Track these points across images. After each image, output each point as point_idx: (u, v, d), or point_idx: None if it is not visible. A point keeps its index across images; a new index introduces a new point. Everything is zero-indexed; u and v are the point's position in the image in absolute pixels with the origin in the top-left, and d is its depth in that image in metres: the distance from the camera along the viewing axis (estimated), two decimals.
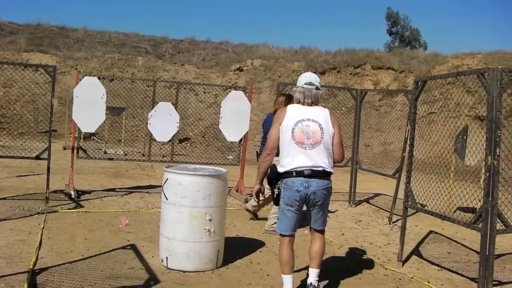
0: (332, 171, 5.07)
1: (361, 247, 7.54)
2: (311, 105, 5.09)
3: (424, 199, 6.72)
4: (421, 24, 68.78)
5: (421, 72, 24.39)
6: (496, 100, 5.14)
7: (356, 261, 6.83)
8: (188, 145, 21.19)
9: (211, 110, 21.03)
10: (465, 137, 8.84)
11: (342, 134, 5.21)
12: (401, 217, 7.10)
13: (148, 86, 19.02)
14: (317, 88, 5.16)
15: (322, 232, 5.34)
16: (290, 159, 4.92)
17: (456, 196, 6.88)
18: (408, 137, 6.67)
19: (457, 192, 6.74)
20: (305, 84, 5.11)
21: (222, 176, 6.10)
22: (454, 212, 9.00)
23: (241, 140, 11.11)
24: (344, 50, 27.76)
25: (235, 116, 10.55)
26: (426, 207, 6.74)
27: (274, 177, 5.08)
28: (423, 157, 7.10)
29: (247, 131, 10.92)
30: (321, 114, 5.06)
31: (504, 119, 16.46)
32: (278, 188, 5.06)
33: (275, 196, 5.14)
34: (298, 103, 5.15)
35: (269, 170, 5.10)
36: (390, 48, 39.57)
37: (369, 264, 6.67)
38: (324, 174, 4.98)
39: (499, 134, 5.14)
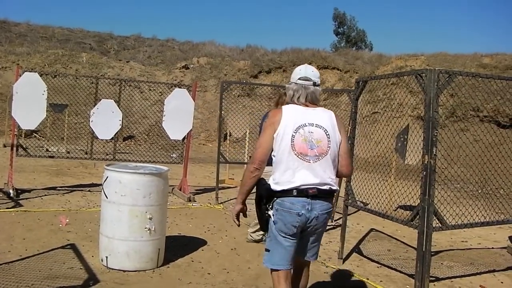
0: (338, 189, 4.32)
1: None
2: (311, 106, 4.08)
3: (366, 197, 6.82)
4: (368, 25, 70.01)
5: (366, 72, 24.74)
6: (433, 100, 5.25)
7: None
8: (132, 143, 21.02)
9: (156, 108, 20.85)
10: (406, 137, 8.99)
11: None
12: (342, 215, 7.18)
13: (92, 83, 18.74)
14: (315, 84, 4.11)
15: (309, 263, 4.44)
16: (289, 174, 3.87)
17: (397, 195, 7.03)
18: (349, 136, 6.74)
19: (398, 190, 6.87)
20: (299, 79, 4.09)
21: (163, 175, 6.05)
22: (395, 210, 9.17)
23: (184, 138, 11.05)
24: (290, 49, 27.98)
25: (178, 114, 10.48)
26: (367, 205, 6.84)
27: (266, 195, 3.96)
28: (366, 156, 7.22)
29: (191, 129, 10.86)
30: (325, 118, 4.06)
31: (446, 119, 16.84)
32: (270, 209, 3.96)
33: (264, 220, 4.06)
34: (290, 103, 4.14)
35: (258, 186, 4.01)
36: (337, 48, 40.05)
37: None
38: (329, 194, 4.01)
39: (435, 134, 5.25)
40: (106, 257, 5.83)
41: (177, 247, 6.77)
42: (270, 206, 3.96)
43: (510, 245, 8.10)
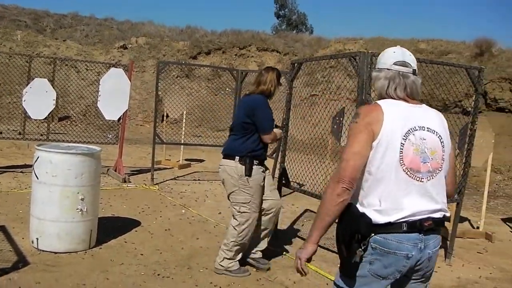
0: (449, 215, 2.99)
1: None
2: (413, 102, 2.93)
3: (303, 179, 6.89)
4: (309, 9, 70.18)
5: (305, 55, 24.84)
6: (366, 83, 5.32)
7: None
8: (68, 123, 20.57)
9: (93, 88, 20.42)
10: (341, 119, 9.08)
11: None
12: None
13: (26, 62, 18.29)
14: (414, 73, 2.96)
15: None
16: (396, 199, 2.74)
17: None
18: (284, 117, 6.78)
19: (333, 171, 6.95)
20: (395, 64, 2.93)
21: (95, 155, 5.96)
22: None
23: (120, 118, 10.89)
24: (230, 30, 27.82)
25: (114, 94, 10.32)
26: (303, 187, 6.90)
27: (364, 231, 2.73)
28: (303, 138, 7.24)
29: (127, 110, 10.72)
30: (436, 119, 2.95)
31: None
32: (362, 249, 2.72)
33: (353, 262, 2.77)
34: (381, 97, 2.97)
35: (349, 217, 2.77)
36: (277, 31, 40.07)
37: None
38: (442, 224, 2.88)
39: None
40: (37, 238, 5.73)
41: (110, 229, 6.70)
42: (365, 245, 2.74)
43: None
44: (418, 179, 2.75)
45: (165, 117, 13.80)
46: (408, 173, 2.74)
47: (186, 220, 7.75)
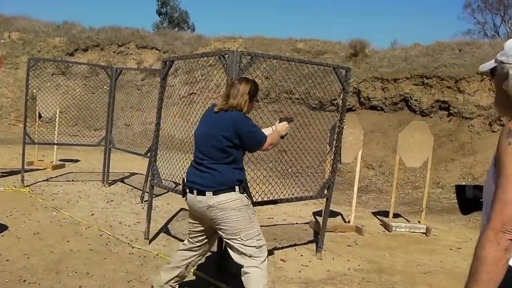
0: None
1: (110, 226, 7.50)
2: None
3: (179, 178, 6.82)
4: (190, 7, 69.69)
5: (185, 53, 24.69)
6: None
7: (103, 240, 6.76)
8: None
9: None
10: None
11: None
12: (154, 196, 7.18)
13: None
14: None
15: None
16: None
17: None
18: (156, 116, 6.71)
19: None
20: None
21: None
22: None
23: None
24: (108, 27, 27.18)
25: None
26: (178, 186, 6.84)
27: None
28: (182, 136, 7.19)
29: None
30: None
31: (261, 100, 17.29)
32: None
33: None
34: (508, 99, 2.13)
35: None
36: (159, 29, 39.70)
37: (116, 244, 6.65)
38: None
39: None
40: None
41: None
42: None
43: (312, 220, 8.56)
44: None
45: (37, 117, 13.31)
46: None
47: (57, 222, 7.51)
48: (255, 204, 5.75)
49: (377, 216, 9.71)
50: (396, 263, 6.75)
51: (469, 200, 2.50)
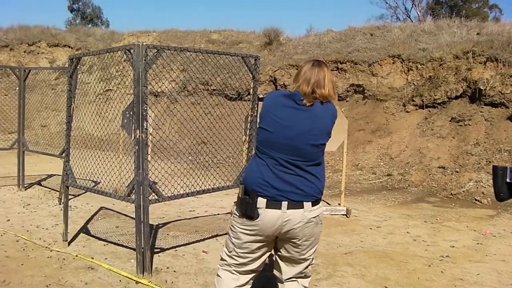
0: None
1: (27, 231, 7.29)
2: None
3: (99, 176, 6.71)
4: (104, 2, 68.28)
5: (98, 49, 24.31)
6: (141, 75, 5.30)
7: (19, 246, 6.56)
8: None
9: None
10: (131, 113, 9.01)
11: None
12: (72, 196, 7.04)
13: None
14: None
15: None
16: None
17: (129, 171, 6.97)
18: (66, 115, 6.55)
19: (129, 166, 6.84)
20: None
21: None
22: (126, 187, 9.18)
23: None
24: (17, 26, 26.35)
25: None
26: (98, 184, 6.73)
27: None
28: (100, 134, 7.05)
29: None
30: None
31: (178, 93, 17.17)
32: None
33: None
34: None
35: None
36: (71, 25, 38.85)
37: (33, 248, 6.48)
38: None
39: (145, 109, 5.33)
40: None
41: None
42: None
43: (232, 210, 8.59)
44: None
45: None
46: None
47: None
48: (166, 198, 5.75)
49: None
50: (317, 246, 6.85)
51: (509, 184, 2.45)
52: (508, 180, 2.44)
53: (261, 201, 3.42)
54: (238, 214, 3.58)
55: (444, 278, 5.78)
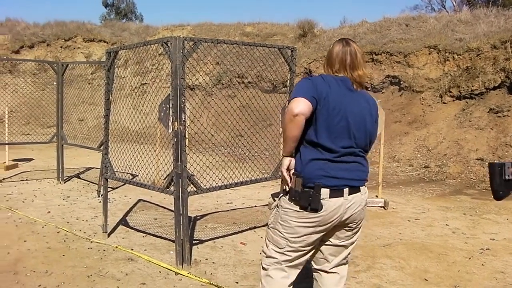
0: None
1: (68, 223, 7.40)
2: None
3: (136, 169, 6.76)
4: None
5: (133, 43, 24.44)
6: (179, 67, 5.32)
7: (60, 237, 6.66)
8: None
9: None
10: (168, 106, 9.06)
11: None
12: (110, 189, 7.10)
13: None
14: None
15: None
16: None
17: (166, 164, 7.03)
18: (104, 108, 6.61)
19: (167, 159, 6.89)
20: None
21: None
22: (165, 179, 9.25)
23: None
24: (53, 22, 26.68)
25: None
26: (136, 177, 6.78)
27: None
28: (137, 128, 7.11)
29: None
30: None
31: (213, 86, 17.25)
32: None
33: None
34: None
35: None
36: (106, 20, 39.20)
37: (74, 240, 6.57)
38: None
39: (183, 101, 5.35)
40: None
41: None
42: None
43: (270, 201, 8.59)
44: None
45: None
46: None
47: (12, 223, 7.37)
48: (205, 190, 5.78)
49: None
50: None
51: (507, 181, 2.30)
52: (507, 177, 2.38)
53: (324, 192, 3.32)
54: (293, 208, 3.43)
55: (485, 271, 5.70)
